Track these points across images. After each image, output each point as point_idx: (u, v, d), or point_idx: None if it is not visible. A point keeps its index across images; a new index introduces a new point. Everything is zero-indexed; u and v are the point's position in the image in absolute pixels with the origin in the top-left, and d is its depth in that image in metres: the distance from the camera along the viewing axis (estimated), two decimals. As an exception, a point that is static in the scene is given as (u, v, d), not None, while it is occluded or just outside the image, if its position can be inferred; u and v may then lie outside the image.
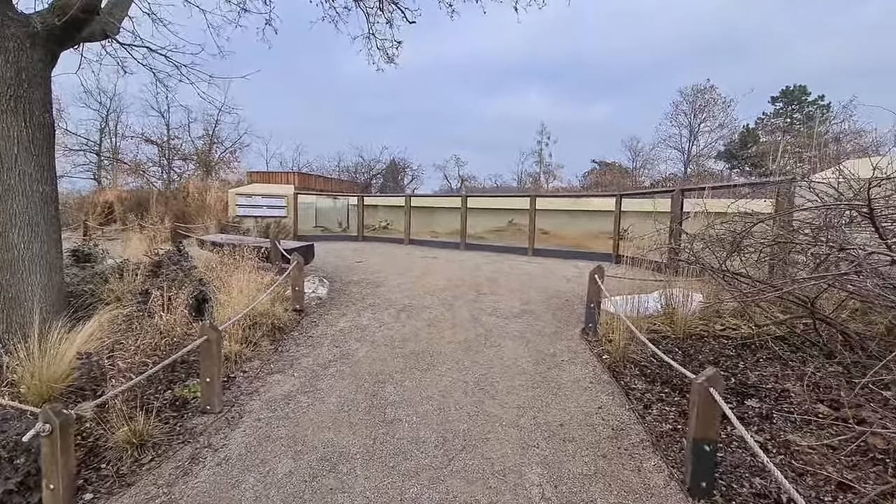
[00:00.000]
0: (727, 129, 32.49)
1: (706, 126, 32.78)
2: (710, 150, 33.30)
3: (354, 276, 6.23)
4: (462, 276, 6.35)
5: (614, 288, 4.23)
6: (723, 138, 32.73)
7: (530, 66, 46.74)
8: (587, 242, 11.60)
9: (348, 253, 8.97)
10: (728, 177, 29.63)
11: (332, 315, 4.43)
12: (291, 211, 11.75)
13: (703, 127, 32.71)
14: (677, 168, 32.20)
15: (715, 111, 32.45)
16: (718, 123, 32.29)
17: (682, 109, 32.54)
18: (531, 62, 45.92)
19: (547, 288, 5.57)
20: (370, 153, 35.75)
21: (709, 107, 32.46)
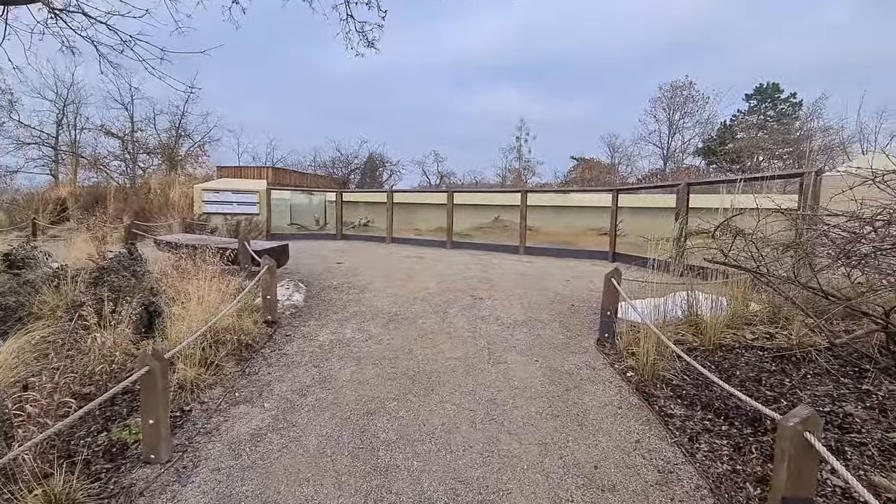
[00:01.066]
0: (705, 126, 33.03)
1: (685, 122, 33.22)
2: (689, 147, 33.84)
3: (334, 279, 5.69)
4: (453, 277, 5.89)
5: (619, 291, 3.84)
6: (701, 134, 33.30)
7: (507, 63, 46.64)
8: (579, 239, 11.31)
9: (327, 253, 8.38)
10: (708, 173, 29.98)
11: (310, 327, 3.90)
12: (264, 208, 11.05)
13: (682, 123, 33.17)
14: (657, 164, 32.60)
15: (694, 108, 32.92)
16: (696, 120, 32.80)
17: (662, 106, 32.88)
18: (508, 59, 45.84)
19: (546, 290, 5.17)
20: (348, 147, 34.85)
21: (688, 103, 32.89)
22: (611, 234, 7.76)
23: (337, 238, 11.72)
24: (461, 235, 11.40)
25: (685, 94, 32.70)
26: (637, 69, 42.11)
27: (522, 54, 44.85)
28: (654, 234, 10.28)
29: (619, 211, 13.35)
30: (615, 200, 7.66)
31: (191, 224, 10.16)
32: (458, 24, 43.91)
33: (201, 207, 10.42)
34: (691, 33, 38.45)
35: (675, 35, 38.98)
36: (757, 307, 3.68)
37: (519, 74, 47.98)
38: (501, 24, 42.47)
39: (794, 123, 31.53)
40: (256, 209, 10.91)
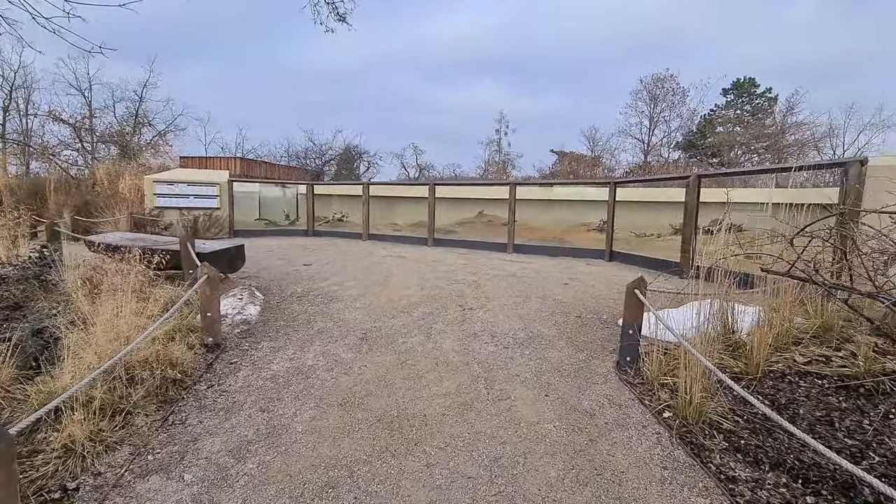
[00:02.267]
0: (686, 119, 33.22)
1: (666, 115, 33.32)
2: (669, 140, 34.04)
3: (300, 285, 4.96)
4: (438, 282, 5.25)
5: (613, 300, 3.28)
6: (681, 128, 33.51)
7: (486, 57, 46.18)
8: (569, 235, 10.81)
9: (295, 252, 7.60)
10: (689, 167, 30.09)
11: (262, 350, 3.19)
12: (226, 201, 10.13)
13: (663, 116, 33.27)
14: (638, 158, 32.69)
15: (674, 100, 33.03)
16: (677, 113, 32.94)
17: (643, 98, 32.90)
18: (486, 53, 45.38)
19: (545, 297, 4.58)
20: (322, 137, 33.67)
21: (668, 96, 32.97)
22: (608, 230, 7.25)
23: (308, 234, 10.91)
24: (444, 232, 10.75)
25: (666, 87, 32.77)
26: (615, 63, 42.27)
27: (501, 47, 44.45)
28: (647, 230, 9.78)
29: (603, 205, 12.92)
30: (612, 194, 7.14)
31: (141, 220, 9.19)
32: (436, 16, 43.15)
33: (153, 201, 9.44)
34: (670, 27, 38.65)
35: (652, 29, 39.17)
36: (800, 321, 3.17)
37: (497, 68, 47.61)
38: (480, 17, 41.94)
39: (769, 118, 32.08)
40: (216, 203, 9.99)
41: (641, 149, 33.16)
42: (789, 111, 30.06)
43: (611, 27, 40.78)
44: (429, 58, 46.02)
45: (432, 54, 45.55)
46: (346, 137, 29.78)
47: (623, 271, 6.19)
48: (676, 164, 26.53)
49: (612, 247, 7.21)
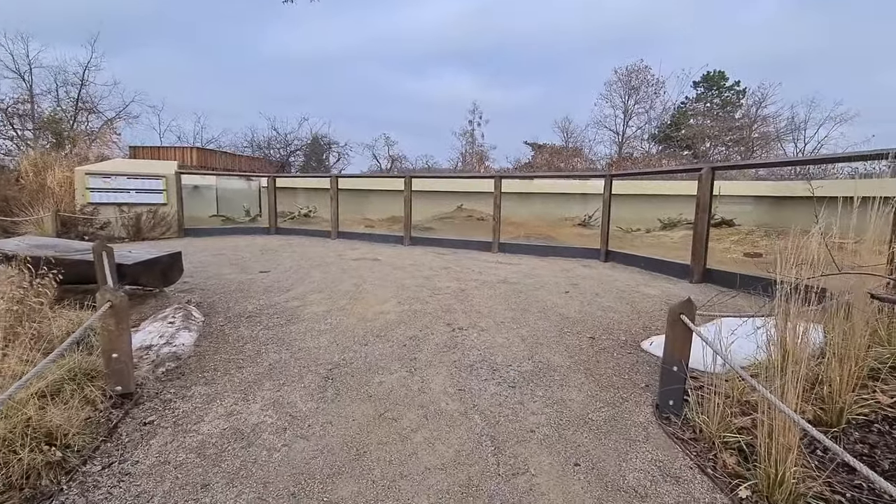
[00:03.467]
0: (660, 111, 33.47)
1: (639, 108, 33.49)
2: (643, 133, 34.31)
3: (252, 300, 4.17)
4: (419, 292, 4.56)
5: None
6: (655, 119, 33.78)
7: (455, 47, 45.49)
8: (556, 232, 10.30)
9: (252, 255, 6.74)
10: (660, 160, 30.26)
11: (192, 400, 2.44)
12: (174, 196, 9.08)
13: (637, 108, 33.42)
14: (612, 150, 32.80)
15: (648, 92, 33.19)
16: (650, 105, 33.16)
17: (617, 90, 32.95)
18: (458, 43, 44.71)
19: (546, 310, 3.97)
20: (286, 125, 32.18)
21: (643, 87, 33.11)
22: (603, 227, 6.72)
23: (270, 232, 9.99)
24: (421, 229, 10.05)
25: (640, 78, 32.90)
26: (588, 54, 42.34)
27: (471, 38, 43.84)
28: (633, 224, 9.32)
29: (587, 198, 12.50)
30: (608, 188, 6.60)
31: (70, 219, 8.06)
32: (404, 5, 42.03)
33: (86, 196, 8.31)
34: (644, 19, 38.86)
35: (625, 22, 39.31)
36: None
37: (467, 58, 47.01)
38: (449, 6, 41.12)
39: (737, 111, 32.77)
40: (162, 198, 8.92)
41: (616, 140, 33.29)
42: (760, 104, 30.64)
43: (583, 18, 40.70)
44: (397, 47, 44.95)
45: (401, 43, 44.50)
46: (314, 126, 28.49)
47: (623, 274, 5.66)
48: (651, 157, 26.54)
49: (607, 245, 6.69)
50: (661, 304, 4.12)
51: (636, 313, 3.86)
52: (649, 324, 3.57)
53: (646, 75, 32.68)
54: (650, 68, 32.08)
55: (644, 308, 4.02)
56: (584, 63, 43.11)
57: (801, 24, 35.75)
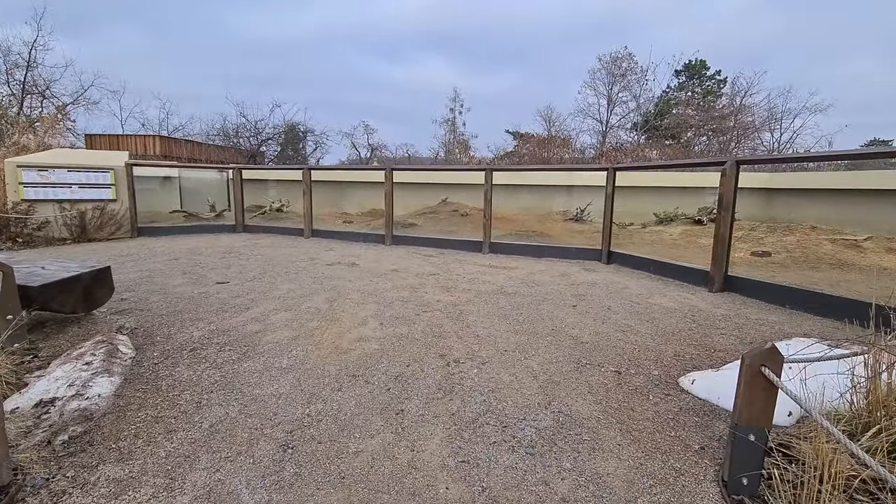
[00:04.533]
0: (643, 100, 33.34)
1: (624, 95, 33.29)
2: (626, 122, 34.19)
3: (201, 323, 3.48)
4: (404, 308, 3.93)
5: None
6: (639, 108, 33.65)
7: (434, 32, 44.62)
8: (547, 227, 9.77)
9: (211, 260, 5.98)
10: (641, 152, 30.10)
11: (93, 491, 1.77)
12: (125, 191, 8.17)
13: (621, 97, 33.22)
14: (596, 139, 32.59)
15: (632, 80, 32.97)
16: (634, 94, 32.99)
17: (601, 78, 32.65)
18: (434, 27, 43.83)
19: (556, 331, 3.40)
20: (257, 112, 30.80)
21: (627, 75, 32.86)
22: (605, 225, 6.19)
23: (237, 230, 9.18)
24: (404, 226, 9.39)
25: (624, 66, 32.63)
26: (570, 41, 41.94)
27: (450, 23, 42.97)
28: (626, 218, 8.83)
29: (573, 190, 12.02)
30: (611, 181, 6.06)
31: (1, 219, 7.11)
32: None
33: (20, 192, 7.36)
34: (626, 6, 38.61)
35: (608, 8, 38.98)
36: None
37: (447, 45, 46.18)
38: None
39: (718, 101, 32.93)
40: (110, 193, 8.01)
41: (599, 130, 33.06)
42: (746, 93, 30.74)
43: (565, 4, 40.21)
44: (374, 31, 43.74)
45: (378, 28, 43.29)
46: (287, 113, 27.29)
47: (632, 281, 5.15)
48: (640, 147, 26.33)
49: (610, 245, 6.17)
50: (686, 322, 3.60)
51: (661, 335, 3.33)
52: (681, 350, 3.04)
53: (630, 63, 32.41)
54: (634, 56, 31.77)
55: (668, 327, 3.49)
56: (561, 50, 42.78)
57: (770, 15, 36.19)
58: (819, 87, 37.46)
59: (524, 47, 42.30)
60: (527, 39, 42.53)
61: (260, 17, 39.18)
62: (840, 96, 36.00)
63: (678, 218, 10.27)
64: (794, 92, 28.14)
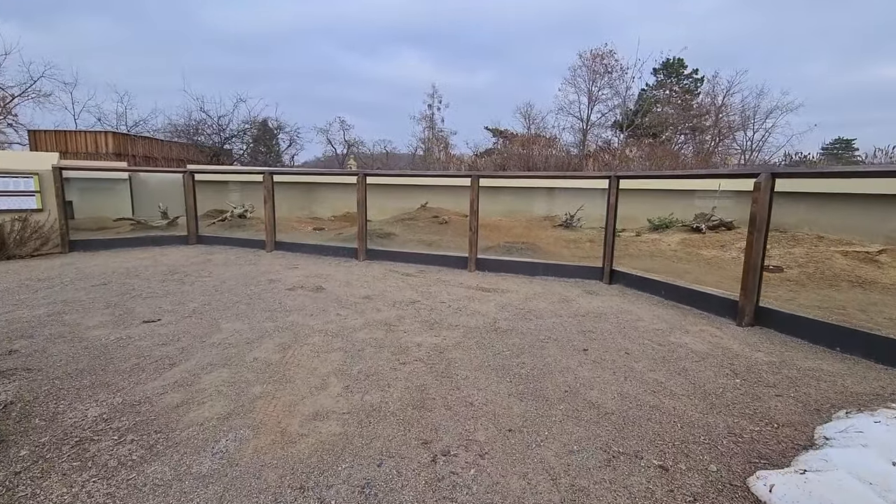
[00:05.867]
0: (624, 97, 33.34)
1: (604, 93, 33.20)
2: (606, 120, 34.16)
3: (102, 395, 2.65)
4: (377, 357, 3.19)
5: None
6: (621, 106, 33.65)
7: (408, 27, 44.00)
8: (535, 236, 9.14)
9: (149, 285, 5.09)
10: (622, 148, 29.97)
11: None
12: (54, 199, 7.15)
13: (601, 95, 33.14)
14: (576, 137, 32.44)
15: (613, 78, 32.90)
16: (615, 91, 32.95)
17: (581, 75, 32.48)
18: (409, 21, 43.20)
19: (571, 393, 2.73)
20: (221, 107, 29.40)
21: (612, 72, 32.76)
22: (606, 241, 5.56)
23: (189, 242, 8.23)
24: (380, 235, 8.60)
25: (605, 64, 32.52)
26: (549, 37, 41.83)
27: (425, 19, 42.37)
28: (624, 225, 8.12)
29: (559, 192, 11.45)
30: (613, 191, 5.43)
31: None
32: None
33: (-80, 201, 6.29)
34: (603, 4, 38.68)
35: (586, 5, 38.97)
36: None
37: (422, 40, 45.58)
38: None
39: (695, 99, 33.27)
40: (34, 202, 6.98)
41: (580, 128, 32.90)
42: (727, 92, 31.00)
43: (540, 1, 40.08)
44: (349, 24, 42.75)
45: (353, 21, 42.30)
46: (253, 108, 26.03)
47: (643, 309, 4.53)
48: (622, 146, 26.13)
49: (612, 262, 5.55)
50: (726, 375, 2.97)
51: (701, 397, 2.68)
52: (734, 425, 2.39)
53: (610, 60, 32.29)
54: (615, 53, 31.63)
55: (706, 384, 2.86)
56: (538, 47, 42.68)
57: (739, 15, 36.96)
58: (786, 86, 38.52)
59: (501, 44, 42.02)
60: (503, 36, 42.28)
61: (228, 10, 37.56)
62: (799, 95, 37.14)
63: (674, 224, 9.80)
64: (766, 91, 28.57)
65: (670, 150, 27.36)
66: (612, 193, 5.41)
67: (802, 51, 36.25)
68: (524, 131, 31.36)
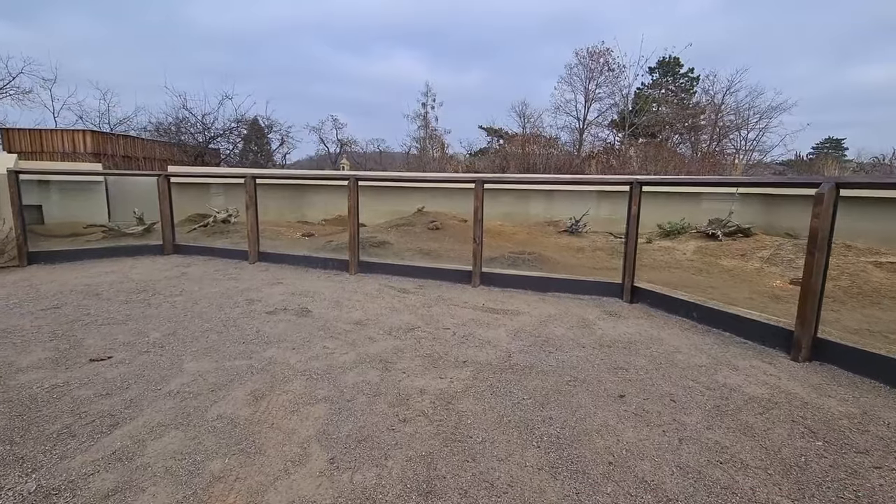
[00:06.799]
0: (619, 96, 33.02)
1: (601, 91, 32.84)
2: (603, 119, 33.84)
3: (9, 479, 2.08)
4: (371, 410, 2.62)
5: None
6: (618, 104, 33.33)
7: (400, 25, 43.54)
8: (539, 244, 8.60)
9: (106, 309, 4.47)
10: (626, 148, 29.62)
11: None
12: (8, 206, 6.50)
13: (598, 93, 32.79)
14: (573, 136, 32.10)
15: (610, 77, 32.55)
16: (611, 90, 32.62)
17: (578, 74, 32.13)
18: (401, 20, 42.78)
19: (618, 467, 2.17)
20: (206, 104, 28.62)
21: (614, 70, 32.39)
22: (627, 253, 5.03)
23: (165, 252, 7.61)
24: (374, 244, 8.02)
25: (602, 62, 32.16)
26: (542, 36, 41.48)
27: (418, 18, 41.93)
28: (620, 226, 7.66)
29: (559, 193, 10.94)
30: (635, 199, 4.90)
31: None
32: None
33: None
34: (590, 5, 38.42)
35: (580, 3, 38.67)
36: None
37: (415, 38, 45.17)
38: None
39: (691, 98, 33.04)
40: (-14, 211, 6.32)
41: (577, 127, 32.53)
42: (727, 90, 30.72)
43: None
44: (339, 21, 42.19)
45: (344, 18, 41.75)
46: (241, 106, 25.30)
47: (676, 336, 3.99)
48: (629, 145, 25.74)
49: (633, 279, 5.02)
50: (802, 435, 2.43)
51: (783, 471, 2.14)
52: (838, 517, 1.85)
53: (608, 58, 31.92)
54: (612, 51, 31.25)
55: (783, 449, 2.32)
56: (530, 46, 42.40)
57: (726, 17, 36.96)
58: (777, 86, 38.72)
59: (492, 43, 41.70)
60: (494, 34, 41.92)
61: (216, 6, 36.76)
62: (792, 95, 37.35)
63: (686, 230, 9.30)
64: (760, 90, 28.42)
65: (675, 151, 26.99)
66: (633, 202, 4.88)
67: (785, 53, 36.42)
68: (520, 130, 30.93)
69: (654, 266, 7.39)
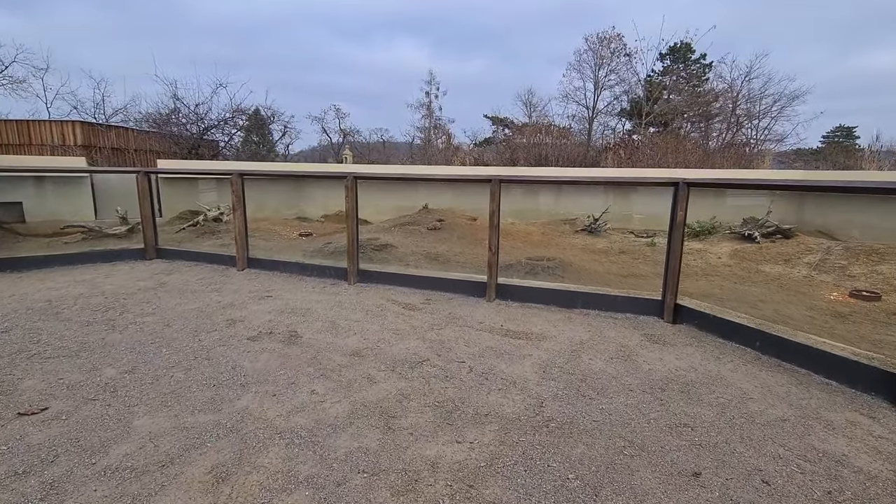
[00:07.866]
0: (632, 83, 32.07)
1: (611, 79, 31.93)
2: (613, 108, 32.94)
3: None
4: (367, 502, 1.99)
5: None
6: (628, 93, 32.39)
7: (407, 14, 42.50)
8: (554, 246, 7.91)
9: (63, 333, 3.83)
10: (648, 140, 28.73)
11: None
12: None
13: (608, 81, 31.87)
14: (581, 125, 31.29)
15: (619, 63, 31.57)
16: (621, 77, 31.69)
17: (587, 60, 31.20)
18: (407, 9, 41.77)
19: None
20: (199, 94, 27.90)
21: (614, 57, 31.41)
22: (669, 265, 4.33)
23: (147, 257, 6.99)
24: (374, 248, 7.36)
25: (612, 48, 31.16)
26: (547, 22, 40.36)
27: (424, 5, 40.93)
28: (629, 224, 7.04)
29: (571, 185, 10.20)
30: (681, 201, 4.19)
31: None
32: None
33: None
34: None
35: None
36: None
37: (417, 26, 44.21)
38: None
39: (703, 85, 32.06)
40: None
41: (586, 116, 31.65)
42: (745, 77, 29.65)
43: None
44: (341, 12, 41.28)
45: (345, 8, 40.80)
46: (238, 96, 24.54)
47: (741, 375, 3.32)
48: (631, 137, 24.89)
49: (676, 295, 4.34)
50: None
51: None
52: None
53: (617, 44, 30.91)
54: (623, 36, 30.24)
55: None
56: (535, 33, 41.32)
57: None
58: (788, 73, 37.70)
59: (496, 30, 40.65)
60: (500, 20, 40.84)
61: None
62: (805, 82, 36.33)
63: (718, 230, 8.58)
64: (778, 78, 27.45)
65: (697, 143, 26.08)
66: (679, 206, 4.17)
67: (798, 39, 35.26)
68: (526, 119, 30.09)
69: (687, 272, 6.70)
